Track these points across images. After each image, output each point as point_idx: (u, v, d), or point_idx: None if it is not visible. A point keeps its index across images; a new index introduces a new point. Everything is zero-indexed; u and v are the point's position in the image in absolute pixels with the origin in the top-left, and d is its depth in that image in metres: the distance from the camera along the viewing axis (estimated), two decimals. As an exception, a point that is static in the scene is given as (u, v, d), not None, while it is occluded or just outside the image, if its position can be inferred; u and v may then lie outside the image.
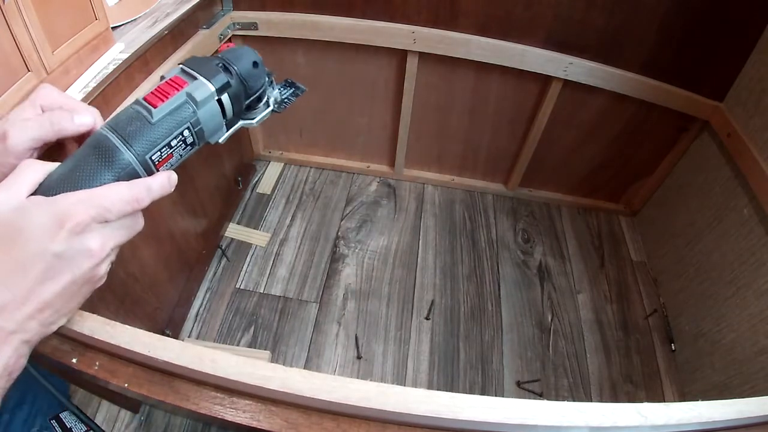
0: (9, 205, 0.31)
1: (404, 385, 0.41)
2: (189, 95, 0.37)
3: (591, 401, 1.00)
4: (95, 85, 0.66)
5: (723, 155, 1.01)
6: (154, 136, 0.35)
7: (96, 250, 0.32)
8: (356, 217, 1.31)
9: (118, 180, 0.34)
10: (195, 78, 0.37)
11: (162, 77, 0.38)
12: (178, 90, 0.36)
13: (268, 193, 1.34)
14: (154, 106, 0.35)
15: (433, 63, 1.09)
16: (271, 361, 0.92)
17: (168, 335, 0.95)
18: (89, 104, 0.62)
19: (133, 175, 0.35)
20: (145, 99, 0.36)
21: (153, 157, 0.35)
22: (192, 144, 0.38)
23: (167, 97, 0.36)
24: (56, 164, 0.34)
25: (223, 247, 1.18)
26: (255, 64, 0.41)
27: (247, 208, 1.30)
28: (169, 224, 0.93)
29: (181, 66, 0.38)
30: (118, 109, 0.39)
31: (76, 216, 0.31)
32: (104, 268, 0.34)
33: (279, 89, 0.47)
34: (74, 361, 0.41)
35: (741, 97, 0.97)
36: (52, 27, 0.59)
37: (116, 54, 0.72)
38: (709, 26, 0.94)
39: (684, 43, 0.98)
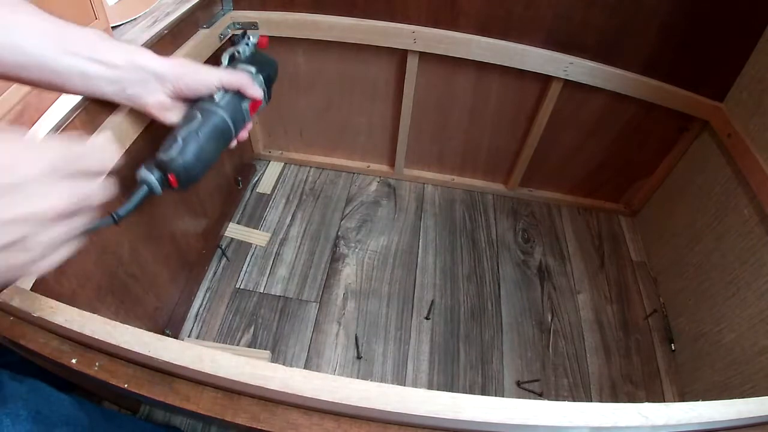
0: None
1: (404, 385, 0.41)
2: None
3: (591, 401, 1.00)
4: (95, 84, 0.65)
5: (723, 155, 1.01)
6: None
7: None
8: (356, 216, 1.31)
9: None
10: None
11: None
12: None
13: (268, 192, 1.34)
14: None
15: (434, 63, 1.09)
16: (271, 361, 0.91)
17: (168, 335, 0.95)
18: (89, 103, 0.62)
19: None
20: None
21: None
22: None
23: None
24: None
25: (223, 247, 1.18)
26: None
27: (247, 207, 1.30)
28: (169, 224, 0.93)
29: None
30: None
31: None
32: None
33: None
34: (74, 361, 0.41)
35: (741, 97, 0.97)
36: (52, 26, 0.59)
37: (116, 54, 0.72)
38: (709, 26, 0.94)
39: (684, 43, 0.98)
